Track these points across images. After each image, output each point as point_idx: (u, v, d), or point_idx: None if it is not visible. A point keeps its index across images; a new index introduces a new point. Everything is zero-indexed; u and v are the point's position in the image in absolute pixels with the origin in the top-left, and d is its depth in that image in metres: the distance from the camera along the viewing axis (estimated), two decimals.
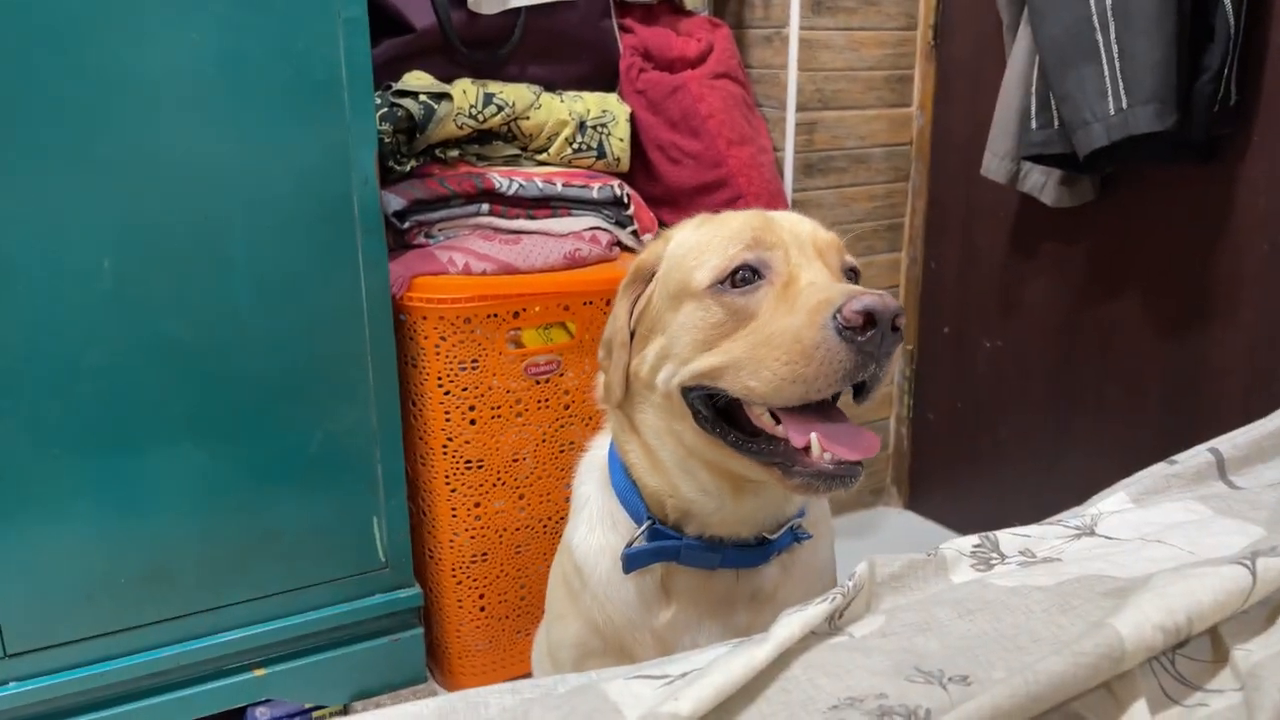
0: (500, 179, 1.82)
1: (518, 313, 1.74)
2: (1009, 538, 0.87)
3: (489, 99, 1.84)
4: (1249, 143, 1.72)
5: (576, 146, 1.96)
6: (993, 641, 0.67)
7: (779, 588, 1.05)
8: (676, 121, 2.04)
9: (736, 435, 0.94)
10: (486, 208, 1.83)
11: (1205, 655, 0.67)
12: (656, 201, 2.08)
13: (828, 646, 0.68)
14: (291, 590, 1.66)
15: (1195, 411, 1.88)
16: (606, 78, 2.09)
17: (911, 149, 2.39)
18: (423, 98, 1.77)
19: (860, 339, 0.83)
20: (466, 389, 1.73)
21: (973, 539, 0.86)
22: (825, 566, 1.11)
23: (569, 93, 2.00)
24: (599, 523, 1.09)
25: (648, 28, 2.13)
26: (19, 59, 1.32)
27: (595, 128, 1.97)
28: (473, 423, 1.75)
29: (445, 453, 1.74)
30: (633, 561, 1.01)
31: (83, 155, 1.38)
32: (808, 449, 0.87)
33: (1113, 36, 1.64)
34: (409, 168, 1.81)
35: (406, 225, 1.79)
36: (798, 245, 0.95)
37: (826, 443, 0.87)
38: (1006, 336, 2.24)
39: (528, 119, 1.90)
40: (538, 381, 1.79)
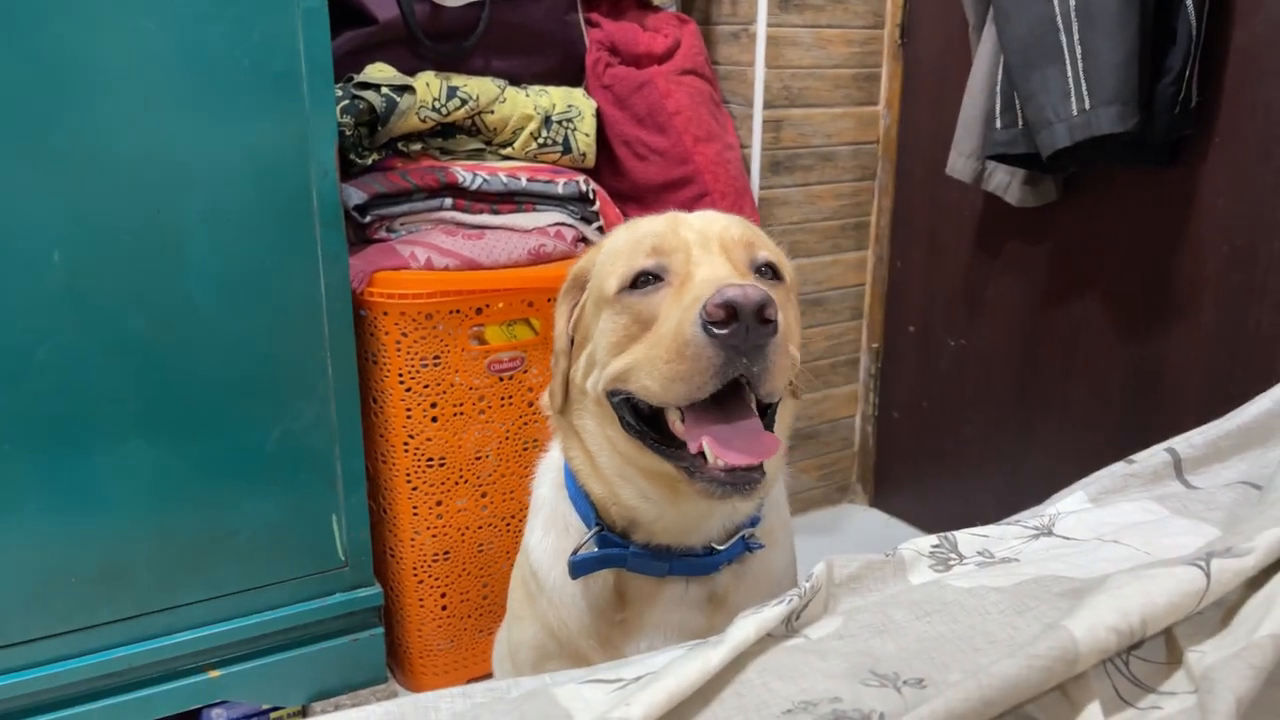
0: (464, 173, 1.81)
1: (481, 309, 1.73)
2: (968, 538, 0.86)
3: (453, 92, 1.82)
4: (1210, 144, 1.74)
5: (541, 141, 1.94)
6: (949, 643, 0.67)
7: (731, 592, 1.04)
8: (643, 117, 2.03)
9: (654, 439, 0.92)
10: (450, 202, 1.81)
11: (1159, 657, 0.66)
12: (623, 197, 2.07)
13: (783, 649, 0.68)
14: (249, 590, 1.63)
15: (1155, 411, 1.90)
16: (572, 72, 2.08)
17: (878, 147, 2.39)
18: (385, 90, 1.74)
19: (723, 333, 0.80)
20: (428, 386, 1.71)
21: (932, 539, 0.85)
22: (782, 574, 1.09)
23: (534, 87, 1.98)
24: (552, 526, 1.08)
25: (614, 22, 2.12)
26: None
27: (561, 122, 1.95)
28: (434, 420, 1.73)
29: (406, 450, 1.72)
30: (578, 568, 1.00)
31: (32, 144, 1.34)
32: (705, 454, 0.86)
33: (1076, 37, 1.65)
34: (370, 161, 1.79)
35: (367, 219, 1.76)
36: (702, 244, 0.93)
37: (716, 446, 0.84)
38: (971, 335, 2.25)
39: (492, 113, 1.88)
40: (501, 378, 1.77)
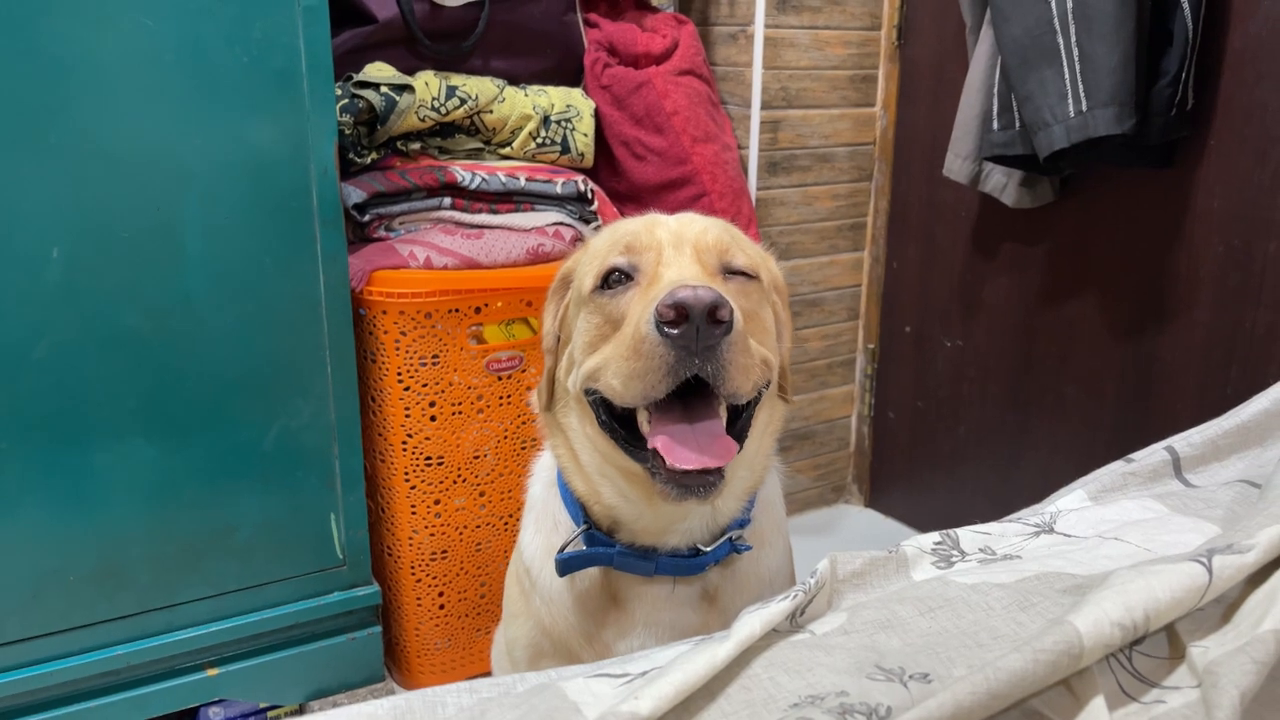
0: (463, 172, 1.81)
1: (479, 308, 1.73)
2: (969, 535, 0.87)
3: (452, 92, 1.82)
4: (1206, 146, 1.75)
5: (540, 141, 1.94)
6: (953, 638, 0.67)
7: (722, 591, 1.04)
8: (641, 117, 2.03)
9: (625, 437, 0.93)
10: (448, 201, 1.81)
11: (1162, 652, 0.67)
12: (621, 198, 2.08)
13: (789, 644, 0.68)
14: (247, 588, 1.63)
15: (1151, 411, 1.91)
16: (571, 72, 2.08)
17: (875, 148, 2.40)
18: (384, 89, 1.74)
19: (674, 333, 0.81)
20: (427, 385, 1.71)
21: (934, 536, 0.86)
22: (773, 577, 1.09)
23: (533, 87, 1.98)
24: (543, 524, 1.09)
25: (613, 23, 2.12)
26: None
27: (559, 122, 1.96)
28: (433, 419, 1.73)
29: (405, 449, 1.72)
30: (565, 566, 1.00)
31: (32, 140, 1.34)
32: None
33: (1073, 39, 1.66)
34: (369, 160, 1.79)
35: (366, 218, 1.76)
36: (675, 244, 0.94)
37: (667, 448, 0.85)
38: (967, 336, 2.26)
39: (491, 112, 1.88)
40: (499, 378, 1.77)
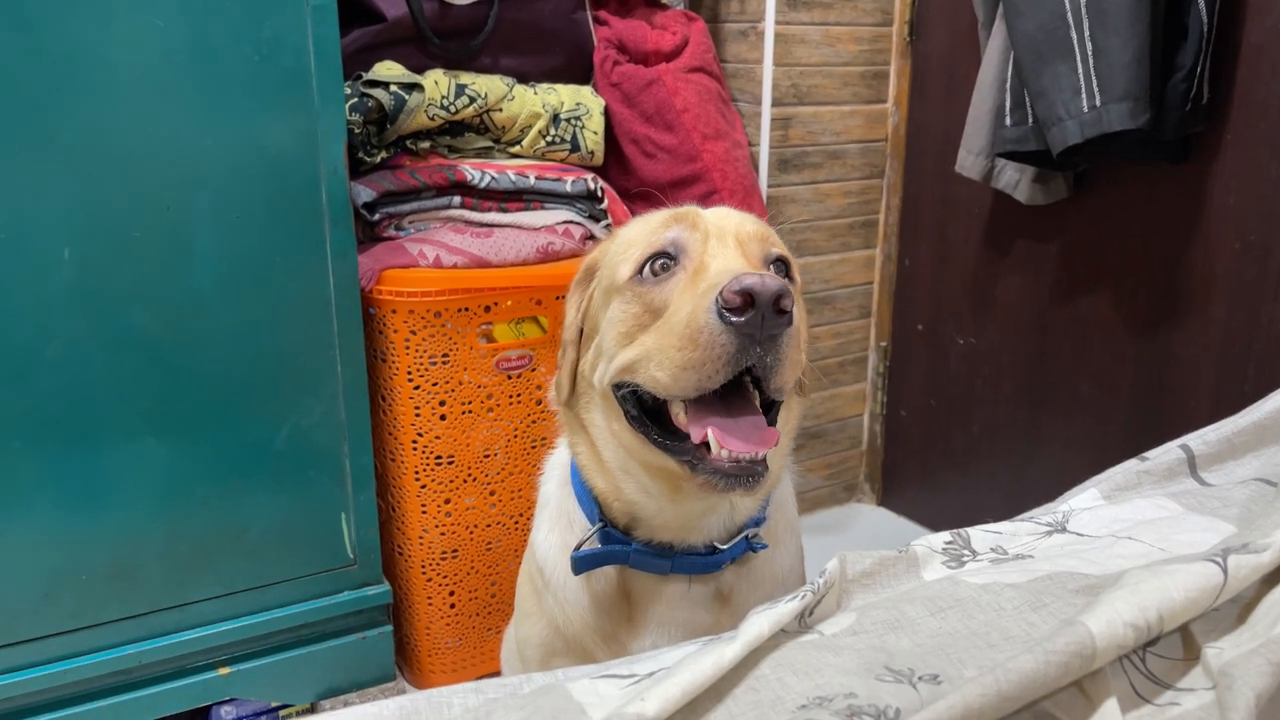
0: (472, 171, 1.80)
1: (489, 307, 1.72)
2: (981, 534, 0.86)
3: (461, 90, 1.81)
4: (1221, 141, 1.73)
5: (550, 139, 1.94)
6: (964, 639, 0.66)
7: (736, 591, 1.03)
8: (651, 115, 2.03)
9: (657, 432, 0.92)
10: (458, 200, 1.81)
11: (1176, 653, 0.66)
12: (631, 196, 2.07)
13: (797, 645, 0.67)
14: (258, 587, 1.64)
15: (1165, 408, 1.89)
16: (580, 70, 2.08)
17: (886, 145, 2.39)
18: (394, 88, 1.74)
19: (739, 320, 0.80)
20: (437, 384, 1.71)
21: (945, 536, 0.85)
22: (786, 576, 1.09)
23: (542, 85, 1.98)
24: (557, 523, 1.08)
25: (622, 20, 2.12)
26: None
27: (569, 120, 1.95)
28: (443, 418, 1.73)
29: (415, 448, 1.72)
30: (581, 564, 1.00)
31: (43, 141, 1.35)
32: (709, 446, 0.85)
33: (1087, 34, 1.64)
34: (379, 159, 1.79)
35: (376, 217, 1.76)
36: (718, 235, 0.94)
37: (720, 436, 0.84)
38: (979, 333, 2.24)
39: (500, 111, 1.88)
40: (509, 376, 1.77)
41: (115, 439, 1.48)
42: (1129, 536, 0.82)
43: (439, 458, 1.74)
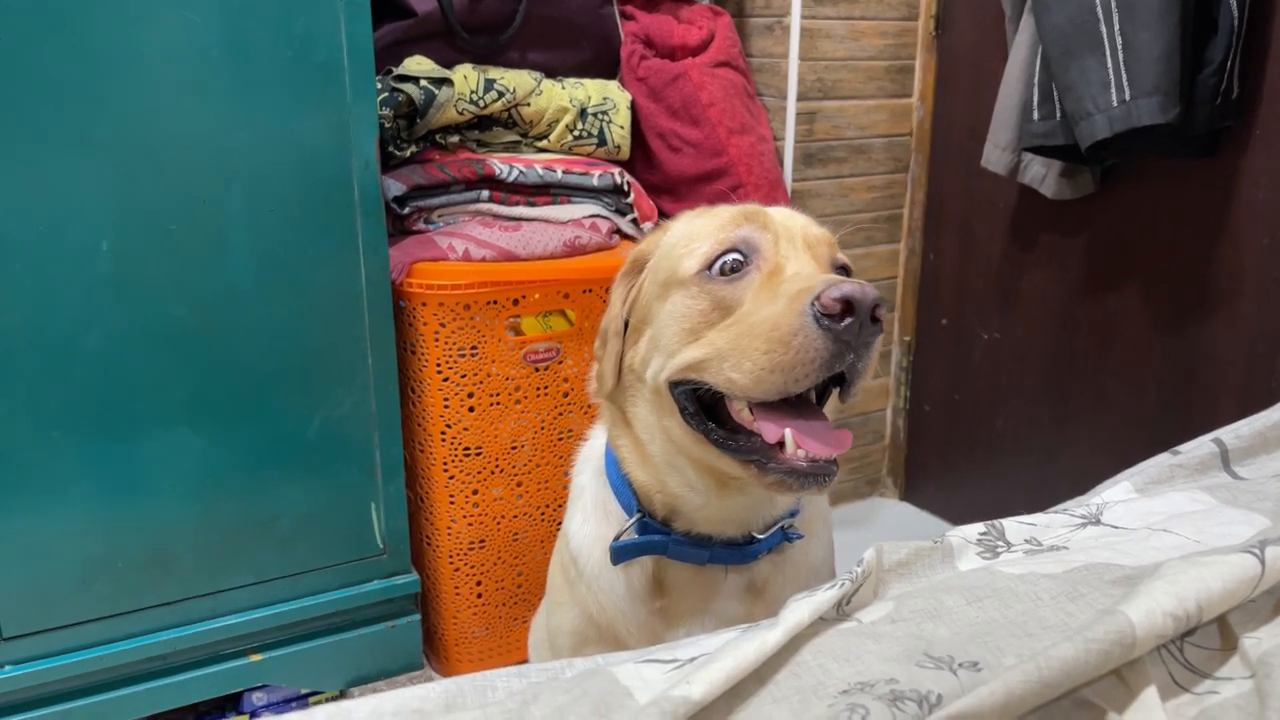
0: (500, 165, 1.82)
1: (517, 300, 1.74)
2: (1015, 526, 0.87)
3: (490, 85, 1.83)
4: (1250, 136, 1.72)
5: (577, 133, 1.95)
6: (1002, 628, 0.67)
7: (769, 582, 1.04)
8: (677, 109, 2.04)
9: (719, 432, 0.92)
10: (486, 194, 1.83)
11: (1214, 644, 0.67)
12: (656, 190, 2.08)
13: (837, 632, 0.68)
14: (289, 576, 1.66)
15: (1193, 404, 1.88)
16: (607, 65, 2.08)
17: (911, 140, 2.39)
18: (423, 83, 1.76)
19: (838, 327, 0.81)
20: (465, 376, 1.72)
21: (979, 527, 0.85)
22: (820, 567, 1.09)
23: (570, 79, 1.99)
24: (593, 513, 1.09)
25: (649, 15, 2.13)
26: (19, 38, 1.31)
27: (596, 115, 1.96)
28: (471, 410, 1.74)
29: (444, 439, 1.74)
30: (620, 554, 1.01)
31: (81, 136, 1.37)
32: (782, 446, 0.86)
33: (1116, 28, 1.64)
34: (409, 153, 1.80)
35: (406, 211, 1.78)
36: (788, 237, 0.94)
37: (799, 438, 0.85)
38: (1004, 328, 2.24)
39: (528, 105, 1.89)
40: (537, 369, 1.78)
41: (151, 429, 1.50)
42: (1164, 529, 0.83)
43: (467, 449, 1.76)
